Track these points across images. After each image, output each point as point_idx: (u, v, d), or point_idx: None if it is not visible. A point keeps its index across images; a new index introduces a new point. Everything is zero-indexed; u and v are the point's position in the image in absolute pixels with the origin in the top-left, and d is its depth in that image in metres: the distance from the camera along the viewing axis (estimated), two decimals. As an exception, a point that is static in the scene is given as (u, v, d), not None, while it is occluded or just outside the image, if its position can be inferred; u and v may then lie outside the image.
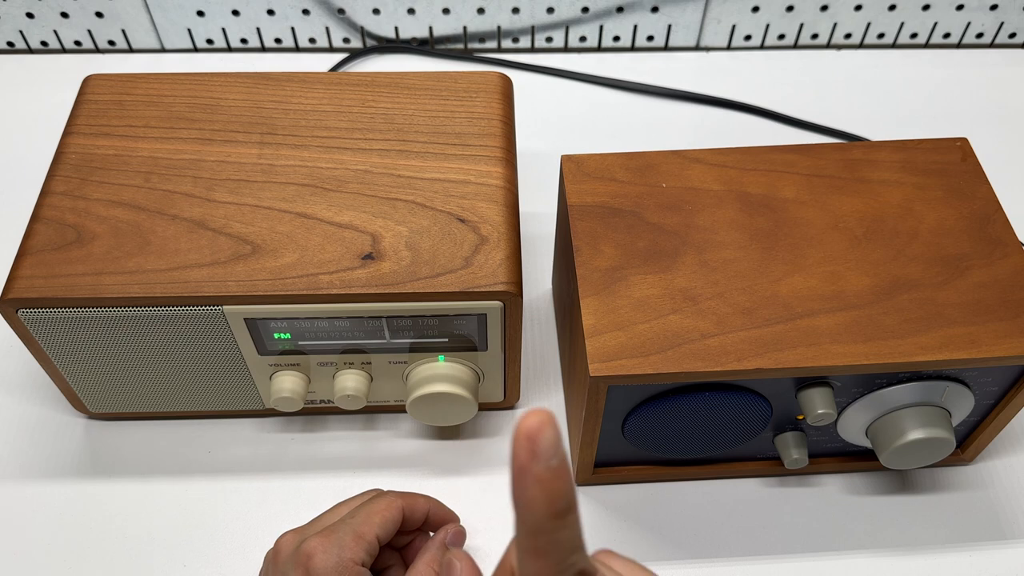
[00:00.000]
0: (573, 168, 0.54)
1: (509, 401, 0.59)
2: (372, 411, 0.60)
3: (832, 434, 0.54)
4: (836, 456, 0.57)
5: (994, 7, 0.82)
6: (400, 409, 0.59)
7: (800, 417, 0.52)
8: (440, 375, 0.53)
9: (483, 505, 0.56)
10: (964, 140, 0.55)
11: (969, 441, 0.56)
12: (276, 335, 0.51)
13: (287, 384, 0.54)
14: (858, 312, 0.47)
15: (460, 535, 0.50)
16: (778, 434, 0.54)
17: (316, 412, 0.60)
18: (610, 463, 0.56)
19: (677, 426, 0.50)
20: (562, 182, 0.54)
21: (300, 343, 0.52)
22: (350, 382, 0.54)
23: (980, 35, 0.85)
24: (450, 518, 0.51)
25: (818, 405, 0.48)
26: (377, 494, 0.49)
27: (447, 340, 0.52)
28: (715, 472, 0.57)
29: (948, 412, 0.50)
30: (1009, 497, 0.57)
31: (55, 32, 0.82)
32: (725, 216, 0.51)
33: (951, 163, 0.54)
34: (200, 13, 0.81)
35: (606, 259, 0.50)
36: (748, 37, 0.84)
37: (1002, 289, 0.48)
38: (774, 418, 0.52)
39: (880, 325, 0.47)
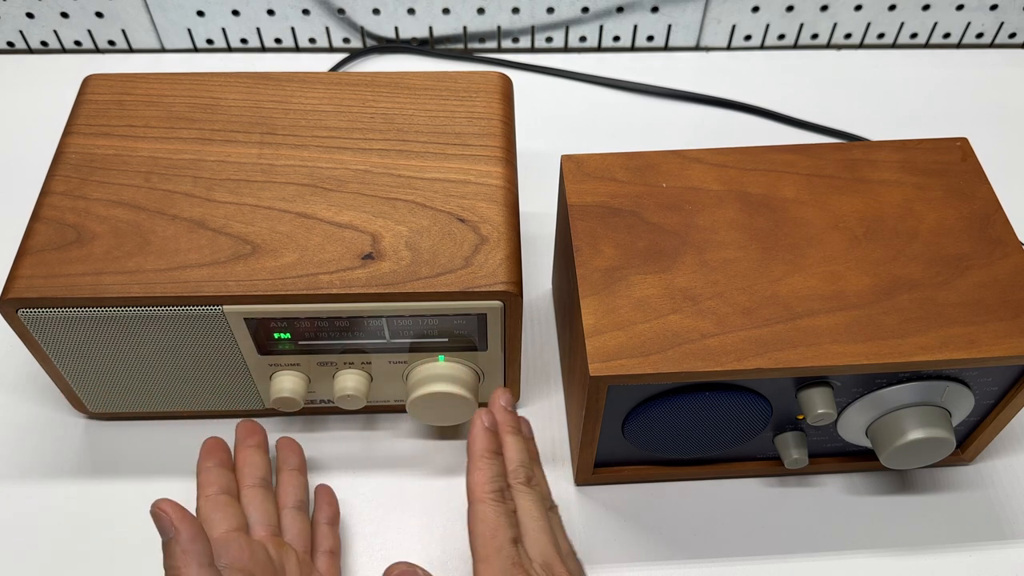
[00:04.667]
0: (573, 168, 0.54)
1: (509, 401, 0.59)
2: (372, 411, 0.60)
3: (832, 434, 0.54)
4: (836, 456, 0.57)
5: (994, 7, 0.82)
6: (400, 409, 0.59)
7: (800, 417, 0.52)
8: (440, 375, 0.53)
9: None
10: (964, 140, 0.55)
11: (969, 441, 0.56)
12: (276, 335, 0.51)
13: (287, 384, 0.54)
14: (858, 312, 0.47)
15: None
16: (778, 434, 0.54)
17: (316, 412, 0.60)
18: (610, 463, 0.56)
19: (677, 426, 0.50)
20: (562, 182, 0.54)
21: (300, 343, 0.52)
22: (350, 382, 0.54)
23: (980, 35, 0.85)
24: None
25: (818, 405, 0.48)
26: None
27: (447, 340, 0.52)
28: (715, 472, 0.57)
29: (948, 412, 0.50)
30: (1009, 497, 0.57)
31: (55, 32, 0.82)
32: (725, 216, 0.51)
33: (951, 163, 0.54)
34: (200, 13, 0.81)
35: (606, 259, 0.50)
36: (748, 37, 0.84)
37: (1002, 289, 0.48)
38: (774, 418, 0.52)
39: (880, 325, 0.47)
